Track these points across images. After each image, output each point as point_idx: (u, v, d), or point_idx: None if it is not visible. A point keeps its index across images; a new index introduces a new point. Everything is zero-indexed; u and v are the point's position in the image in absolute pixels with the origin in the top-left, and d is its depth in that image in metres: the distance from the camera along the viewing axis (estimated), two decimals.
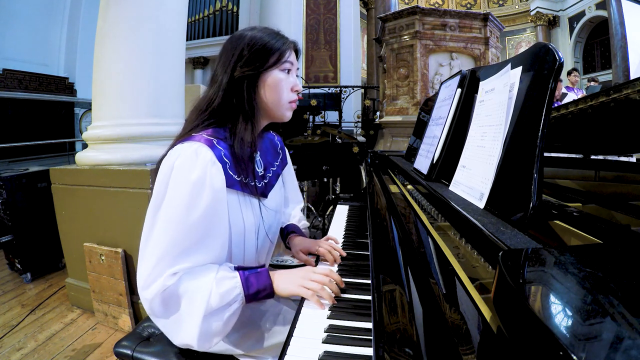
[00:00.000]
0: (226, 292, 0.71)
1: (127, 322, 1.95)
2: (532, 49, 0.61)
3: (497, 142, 0.62)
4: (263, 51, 0.80)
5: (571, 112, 0.87)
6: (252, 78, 0.80)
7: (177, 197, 0.71)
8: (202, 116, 0.81)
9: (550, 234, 0.54)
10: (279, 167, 1.00)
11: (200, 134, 0.78)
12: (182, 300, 0.71)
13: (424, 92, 3.59)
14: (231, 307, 0.72)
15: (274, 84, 0.81)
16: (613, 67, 8.32)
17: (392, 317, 0.51)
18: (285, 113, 0.86)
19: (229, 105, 0.80)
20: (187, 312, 0.71)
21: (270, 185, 0.94)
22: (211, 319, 0.70)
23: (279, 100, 0.83)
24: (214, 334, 0.72)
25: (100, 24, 2.17)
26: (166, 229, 0.71)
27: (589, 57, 10.45)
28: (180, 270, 0.71)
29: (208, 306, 0.69)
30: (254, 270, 0.76)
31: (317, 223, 3.51)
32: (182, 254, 0.71)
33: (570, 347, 0.20)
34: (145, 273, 0.72)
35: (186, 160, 0.73)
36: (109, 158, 2.08)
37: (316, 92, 5.88)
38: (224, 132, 0.81)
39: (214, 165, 0.74)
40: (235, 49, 0.80)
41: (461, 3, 11.96)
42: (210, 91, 0.82)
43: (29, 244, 2.63)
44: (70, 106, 7.75)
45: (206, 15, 9.79)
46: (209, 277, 0.72)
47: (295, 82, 0.85)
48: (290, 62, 0.83)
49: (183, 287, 0.71)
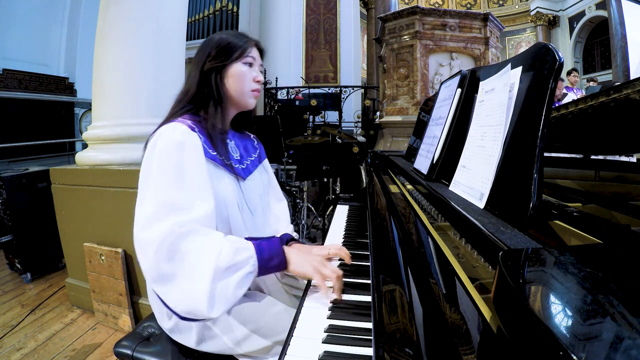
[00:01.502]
0: (238, 250, 0.71)
1: (127, 322, 1.95)
2: (532, 49, 0.61)
3: (497, 142, 0.62)
4: (228, 48, 0.93)
5: (571, 112, 0.87)
6: (219, 69, 0.92)
7: (166, 154, 0.78)
8: (179, 104, 0.94)
9: (550, 234, 0.54)
10: (257, 159, 1.08)
11: (176, 119, 0.88)
12: (190, 253, 0.68)
13: (424, 92, 3.59)
14: (243, 269, 0.71)
15: (237, 74, 0.93)
16: (613, 67, 8.32)
17: (392, 317, 0.51)
18: (249, 100, 0.97)
19: (201, 94, 0.93)
20: (197, 266, 0.67)
21: (248, 171, 1.00)
22: (222, 278, 0.68)
23: (242, 89, 0.94)
24: (224, 298, 0.68)
25: (100, 24, 2.17)
26: (164, 181, 0.76)
27: (589, 57, 10.45)
28: (186, 223, 0.71)
29: (219, 262, 0.67)
30: (265, 238, 0.80)
31: (317, 223, 3.51)
32: (183, 203, 0.74)
33: (570, 347, 0.20)
34: (145, 214, 0.72)
35: (166, 133, 0.82)
36: (109, 158, 2.08)
37: (316, 92, 5.88)
38: (198, 117, 0.92)
39: (190, 133, 0.83)
40: (205, 49, 0.94)
41: (461, 3, 11.96)
42: (186, 84, 0.96)
43: (29, 244, 2.63)
44: (70, 106, 7.75)
45: (206, 15, 9.81)
46: (219, 236, 0.73)
47: (256, 75, 0.97)
48: (252, 57, 0.96)
49: (191, 240, 0.69)
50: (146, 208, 0.73)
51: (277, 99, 5.93)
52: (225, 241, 0.72)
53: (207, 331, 0.86)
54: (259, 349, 0.85)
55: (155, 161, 0.78)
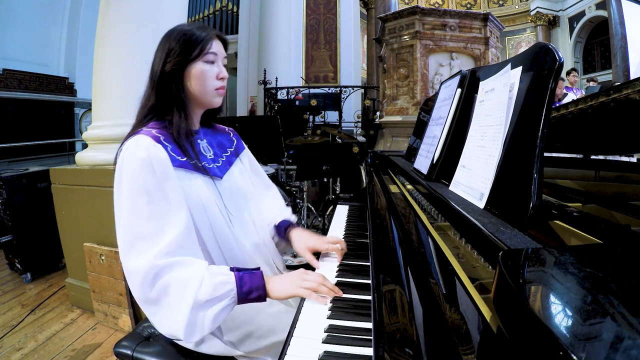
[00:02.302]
0: (218, 285, 0.72)
1: (127, 322, 1.95)
2: (532, 49, 0.61)
3: (497, 142, 0.62)
4: (187, 44, 0.87)
5: (571, 112, 0.87)
6: (178, 72, 0.87)
7: (132, 177, 0.77)
8: (142, 112, 0.91)
9: (550, 234, 0.54)
10: (233, 153, 1.04)
11: (142, 129, 0.85)
12: (171, 286, 0.72)
13: (424, 92, 3.59)
14: (222, 302, 0.72)
15: (197, 75, 0.88)
16: (613, 67, 8.32)
17: (392, 317, 0.51)
18: (213, 99, 0.93)
19: (162, 100, 0.89)
20: (177, 299, 0.71)
21: (224, 169, 0.98)
22: (200, 310, 0.71)
23: (205, 89, 0.90)
24: (201, 328, 0.71)
25: (100, 24, 2.17)
26: (134, 210, 0.75)
27: (589, 57, 10.45)
28: (168, 250, 0.73)
29: (198, 296, 0.70)
30: (248, 271, 0.78)
31: (317, 223, 3.52)
32: (156, 232, 0.74)
33: (570, 347, 0.20)
34: (122, 242, 0.76)
35: (131, 149, 0.80)
36: (109, 158, 2.06)
37: (316, 92, 5.88)
38: (163, 123, 0.89)
39: (155, 146, 0.81)
40: (164, 45, 0.89)
41: (461, 3, 11.96)
42: (147, 89, 0.91)
43: (29, 244, 2.63)
44: (70, 106, 7.75)
45: (206, 15, 9.81)
46: (201, 267, 0.74)
47: (219, 71, 0.91)
48: (214, 53, 0.90)
49: (173, 273, 0.72)
50: (123, 236, 0.76)
51: (277, 99, 5.93)
52: (206, 274, 0.72)
53: None
54: (258, 349, 0.85)
55: (124, 184, 0.77)
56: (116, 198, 0.79)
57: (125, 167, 0.78)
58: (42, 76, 7.23)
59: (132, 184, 0.76)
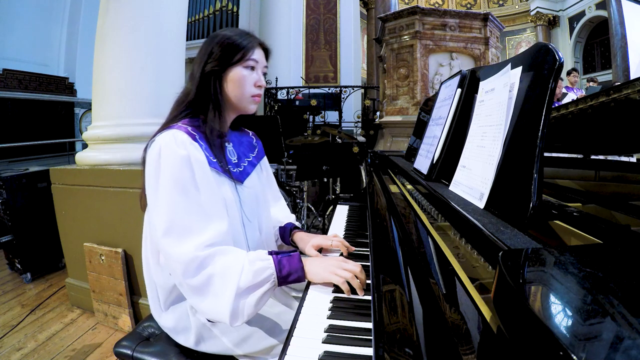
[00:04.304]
0: (259, 271, 0.74)
1: (127, 322, 1.95)
2: (532, 49, 0.61)
3: (497, 142, 0.62)
4: (230, 48, 0.88)
5: (571, 112, 0.87)
6: (218, 73, 0.89)
7: (173, 173, 0.77)
8: (180, 107, 0.91)
9: (550, 234, 0.54)
10: (255, 158, 1.06)
11: (176, 124, 0.87)
12: (214, 276, 0.73)
13: (424, 92, 3.59)
14: (263, 287, 0.74)
15: (236, 79, 0.89)
16: (613, 67, 8.32)
17: (392, 317, 0.51)
18: (249, 106, 0.94)
19: (201, 97, 0.90)
20: (220, 288, 0.73)
21: (246, 173, 0.99)
22: (243, 296, 0.73)
23: (242, 94, 0.91)
24: (245, 313, 0.73)
25: (100, 24, 2.17)
26: (177, 202, 0.76)
27: (589, 57, 10.45)
28: (209, 243, 0.74)
29: (240, 284, 0.72)
30: (286, 254, 0.80)
31: (317, 223, 3.51)
32: (199, 226, 0.75)
33: (570, 347, 0.20)
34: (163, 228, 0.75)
35: (169, 144, 0.80)
36: (109, 158, 2.08)
37: (316, 92, 5.88)
38: (197, 121, 0.90)
39: (192, 144, 0.82)
40: (207, 47, 0.91)
41: (461, 3, 11.96)
42: (188, 85, 0.93)
43: (29, 244, 2.63)
44: (70, 106, 7.75)
45: (206, 15, 9.81)
46: (241, 255, 0.75)
47: (258, 79, 0.92)
48: (255, 60, 0.91)
49: (215, 262, 0.74)
50: (163, 222, 0.76)
51: (277, 99, 5.93)
52: (246, 261, 0.74)
53: (206, 332, 0.86)
54: (258, 349, 0.85)
55: (163, 177, 0.78)
56: (152, 188, 0.79)
57: (164, 161, 0.78)
58: (42, 76, 7.23)
59: (170, 178, 0.77)
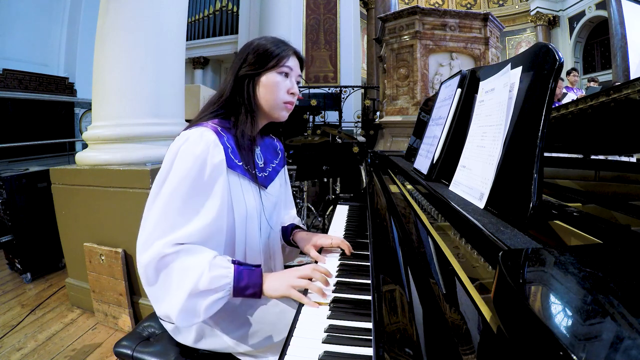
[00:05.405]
0: (216, 278, 0.74)
1: (127, 322, 1.95)
2: (532, 49, 0.61)
3: (497, 142, 0.62)
4: (264, 55, 0.89)
5: (571, 112, 0.87)
6: (252, 77, 0.89)
7: (181, 169, 0.79)
8: (212, 107, 0.92)
9: (550, 234, 0.54)
10: (278, 165, 1.07)
11: (207, 122, 0.87)
12: (173, 272, 0.75)
13: (424, 92, 3.59)
14: (217, 294, 0.75)
15: (270, 84, 0.89)
16: (613, 67, 8.32)
17: (392, 317, 0.51)
18: (281, 113, 0.93)
19: (234, 100, 0.90)
20: (176, 285, 0.74)
21: (270, 179, 1.00)
22: (195, 298, 0.74)
23: (275, 99, 0.90)
24: (194, 314, 0.75)
25: (100, 24, 2.17)
26: (166, 199, 0.78)
27: (589, 57, 10.45)
28: (177, 241, 0.76)
29: (196, 286, 0.73)
30: (249, 267, 0.80)
31: (317, 223, 3.51)
32: (176, 222, 0.77)
33: (570, 347, 0.20)
34: (142, 239, 0.77)
35: (192, 140, 0.81)
36: (109, 158, 2.08)
37: (316, 92, 5.88)
38: (228, 123, 0.90)
39: (217, 146, 0.82)
40: (243, 53, 0.92)
41: (461, 3, 11.96)
42: (221, 86, 0.94)
43: (29, 244, 2.63)
44: (70, 106, 7.74)
45: (206, 15, 9.79)
46: (205, 259, 0.75)
47: (291, 86, 0.92)
48: (289, 67, 0.91)
49: (178, 261, 0.75)
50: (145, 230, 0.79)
51: None
52: (207, 267, 0.75)
53: (207, 329, 0.86)
54: (259, 348, 0.85)
55: (172, 174, 0.79)
56: (159, 178, 0.81)
57: (181, 154, 0.80)
58: (42, 76, 7.22)
59: (180, 170, 0.79)
